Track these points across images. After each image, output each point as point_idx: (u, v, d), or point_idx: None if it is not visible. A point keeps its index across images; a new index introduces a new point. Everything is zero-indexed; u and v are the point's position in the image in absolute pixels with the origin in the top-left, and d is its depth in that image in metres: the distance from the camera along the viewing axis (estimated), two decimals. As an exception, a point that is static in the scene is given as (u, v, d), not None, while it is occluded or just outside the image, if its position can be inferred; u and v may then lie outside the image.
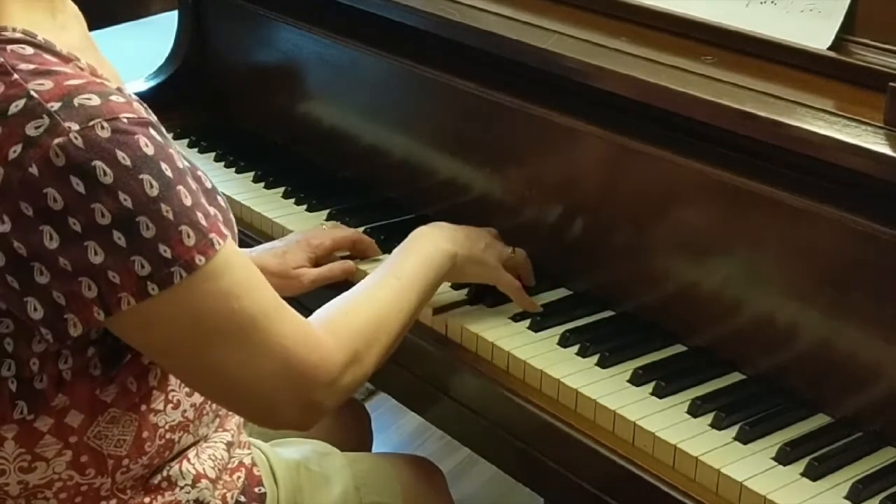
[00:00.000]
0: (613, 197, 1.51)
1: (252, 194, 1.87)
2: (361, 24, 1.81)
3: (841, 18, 1.38)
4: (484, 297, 1.53)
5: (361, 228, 1.70)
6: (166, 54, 2.16)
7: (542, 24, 1.56)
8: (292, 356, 1.11)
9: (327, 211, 1.79)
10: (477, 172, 1.68)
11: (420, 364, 1.51)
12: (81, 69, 1.08)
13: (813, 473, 1.23)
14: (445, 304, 1.53)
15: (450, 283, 1.54)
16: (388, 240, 1.67)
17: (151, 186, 1.02)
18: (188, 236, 1.04)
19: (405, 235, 1.67)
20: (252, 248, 1.63)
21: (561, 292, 1.57)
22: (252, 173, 1.92)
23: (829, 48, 1.38)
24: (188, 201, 1.05)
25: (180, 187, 1.05)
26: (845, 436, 1.29)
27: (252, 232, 1.78)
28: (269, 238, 1.73)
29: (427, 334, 1.50)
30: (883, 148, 1.21)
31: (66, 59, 1.08)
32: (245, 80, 2.09)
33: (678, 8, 1.52)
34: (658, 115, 1.41)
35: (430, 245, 1.41)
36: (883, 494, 1.21)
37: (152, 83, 2.11)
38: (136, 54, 2.43)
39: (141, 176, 1.02)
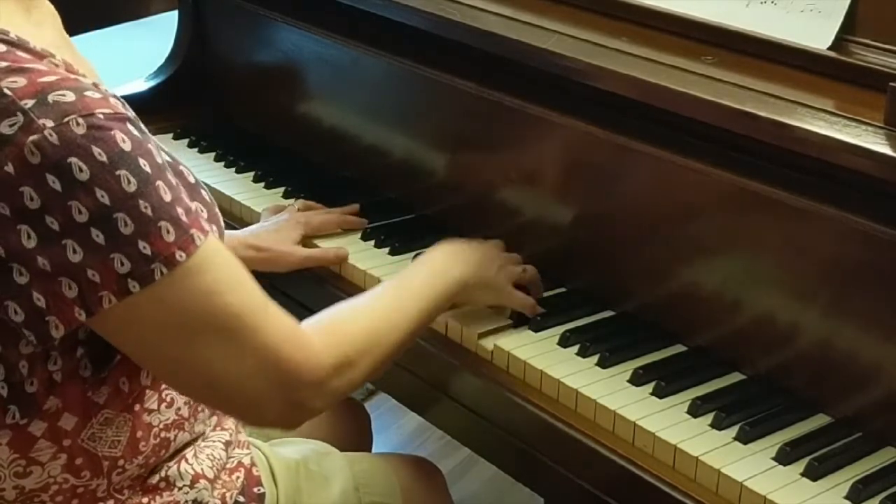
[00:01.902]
0: (613, 197, 1.51)
1: (252, 194, 1.87)
2: (361, 24, 1.81)
3: (841, 18, 1.38)
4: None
5: (361, 228, 1.71)
6: (166, 54, 2.16)
7: (543, 24, 1.56)
8: (277, 354, 1.09)
9: (327, 211, 1.80)
10: (477, 172, 1.68)
11: (420, 364, 1.51)
12: (56, 65, 1.07)
13: (813, 473, 1.23)
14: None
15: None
16: (388, 239, 1.68)
17: (129, 182, 1.01)
18: (168, 232, 1.03)
19: (405, 235, 1.68)
20: (242, 230, 1.65)
21: (561, 292, 1.57)
22: (252, 173, 1.92)
23: (829, 48, 1.38)
24: (167, 197, 1.04)
25: (159, 182, 1.03)
26: (845, 436, 1.29)
27: (252, 232, 1.78)
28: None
29: (427, 334, 1.49)
30: (883, 148, 1.21)
31: (41, 56, 1.07)
32: (245, 80, 2.09)
33: (678, 8, 1.52)
34: (658, 115, 1.41)
35: (440, 266, 1.40)
36: (883, 494, 1.21)
37: (152, 83, 2.11)
38: (136, 54, 2.44)
39: (118, 172, 1.00)
